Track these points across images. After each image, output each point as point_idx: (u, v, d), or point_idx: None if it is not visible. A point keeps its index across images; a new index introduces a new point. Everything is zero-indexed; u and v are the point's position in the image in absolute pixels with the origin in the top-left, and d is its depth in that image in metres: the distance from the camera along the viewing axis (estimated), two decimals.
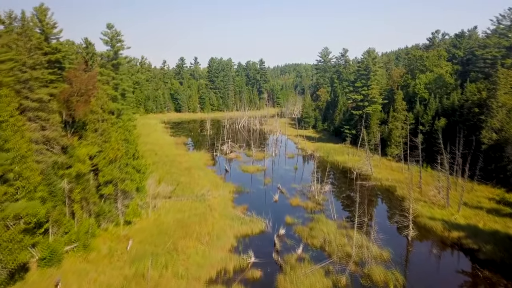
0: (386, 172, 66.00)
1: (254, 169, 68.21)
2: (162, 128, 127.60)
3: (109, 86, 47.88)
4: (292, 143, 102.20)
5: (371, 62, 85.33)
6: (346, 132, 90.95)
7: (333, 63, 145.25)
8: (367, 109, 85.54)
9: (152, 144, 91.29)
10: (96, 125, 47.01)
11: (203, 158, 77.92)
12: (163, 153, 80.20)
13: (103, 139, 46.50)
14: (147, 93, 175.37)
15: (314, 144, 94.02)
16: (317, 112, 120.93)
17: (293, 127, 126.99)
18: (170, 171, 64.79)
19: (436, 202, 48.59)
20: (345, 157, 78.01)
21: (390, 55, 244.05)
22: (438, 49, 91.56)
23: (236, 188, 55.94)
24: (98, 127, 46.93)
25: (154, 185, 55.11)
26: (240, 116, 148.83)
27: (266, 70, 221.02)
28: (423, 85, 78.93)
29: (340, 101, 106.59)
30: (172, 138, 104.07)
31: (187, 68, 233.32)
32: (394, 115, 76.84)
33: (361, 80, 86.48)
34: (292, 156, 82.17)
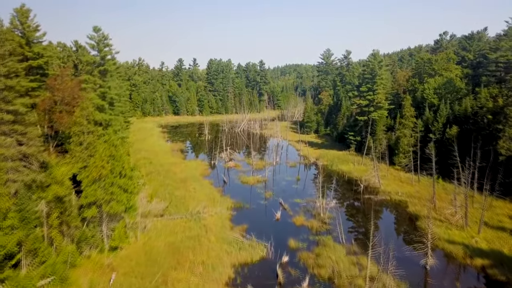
0: (395, 184, 61.83)
1: (254, 181, 64.04)
2: (159, 132, 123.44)
3: (95, 94, 43.70)
4: (293, 149, 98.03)
5: (376, 65, 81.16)
6: (351, 139, 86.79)
7: (336, 65, 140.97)
8: (373, 114, 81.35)
9: (147, 152, 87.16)
10: (80, 138, 43.04)
11: (200, 167, 73.74)
12: (158, 162, 76.01)
13: (88, 153, 42.54)
14: (144, 95, 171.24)
15: (317, 151, 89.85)
16: (319, 116, 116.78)
17: (294, 131, 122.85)
18: (164, 183, 60.63)
19: (454, 222, 44.38)
20: (350, 166, 73.86)
21: (393, 56, 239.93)
22: (447, 51, 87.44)
23: (235, 203, 51.77)
24: (83, 140, 43.00)
25: (145, 201, 51.11)
26: (239, 119, 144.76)
27: (266, 72, 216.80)
28: (432, 90, 74.71)
29: (344, 106, 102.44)
30: (168, 144, 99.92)
31: (186, 70, 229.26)
32: (402, 122, 72.68)
33: (366, 84, 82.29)
34: (294, 165, 78.00)
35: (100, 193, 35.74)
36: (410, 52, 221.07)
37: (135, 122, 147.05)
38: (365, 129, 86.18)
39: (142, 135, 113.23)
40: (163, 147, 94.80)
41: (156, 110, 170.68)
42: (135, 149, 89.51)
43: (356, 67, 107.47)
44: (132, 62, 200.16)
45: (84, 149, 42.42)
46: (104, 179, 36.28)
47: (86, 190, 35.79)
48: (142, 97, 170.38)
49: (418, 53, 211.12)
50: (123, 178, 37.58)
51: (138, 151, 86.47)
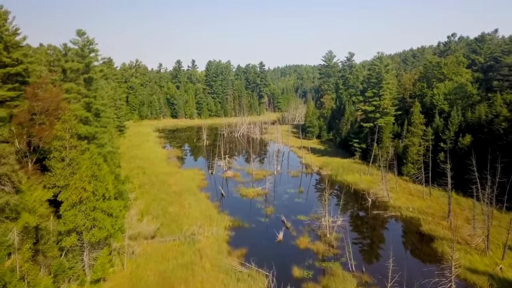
0: (404, 197, 57.77)
1: (254, 194, 59.97)
2: (155, 137, 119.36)
3: (79, 105, 39.63)
4: (295, 156, 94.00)
5: (383, 69, 77.11)
6: (355, 146, 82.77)
7: (338, 67, 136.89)
8: (379, 121, 77.31)
9: (142, 159, 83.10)
10: (62, 154, 38.96)
11: (197, 177, 69.68)
12: (153, 172, 71.93)
13: (71, 170, 38.50)
14: (142, 98, 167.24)
15: (320, 159, 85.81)
16: (322, 120, 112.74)
17: (295, 136, 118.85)
18: (157, 197, 56.55)
19: (473, 245, 40.31)
20: (355, 176, 69.81)
21: (396, 58, 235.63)
22: (456, 54, 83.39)
23: (233, 221, 47.72)
24: (65, 155, 38.95)
25: (135, 219, 47.06)
26: (239, 123, 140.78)
27: (266, 73, 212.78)
28: (442, 96, 70.66)
29: (347, 110, 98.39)
30: (164, 151, 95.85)
31: (185, 71, 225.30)
32: (411, 130, 68.66)
33: (372, 89, 78.25)
34: (296, 175, 73.92)
35: (80, 219, 31.69)
36: (413, 53, 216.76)
37: (132, 126, 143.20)
38: (371, 136, 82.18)
39: (138, 141, 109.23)
40: (159, 154, 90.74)
41: (154, 113, 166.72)
42: (130, 156, 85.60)
43: (360, 70, 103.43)
44: (129, 63, 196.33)
45: (66, 165, 38.42)
46: (85, 202, 32.24)
47: (65, 215, 31.73)
48: (139, 99, 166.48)
49: (421, 54, 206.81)
50: (107, 201, 33.48)
51: (133, 159, 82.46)
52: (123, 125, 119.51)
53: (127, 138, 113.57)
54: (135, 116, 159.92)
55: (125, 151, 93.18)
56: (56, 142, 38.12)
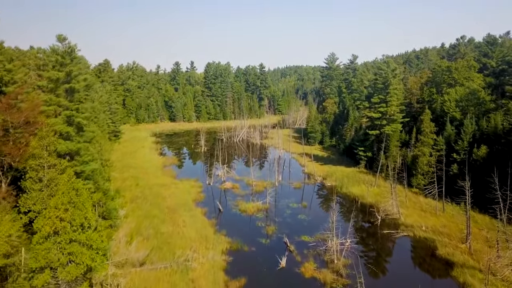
0: (416, 213, 53.67)
1: (254, 209, 55.81)
2: (151, 143, 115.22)
3: (59, 119, 35.53)
4: (297, 163, 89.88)
5: (390, 74, 73.00)
6: (360, 155, 78.63)
7: (340, 69, 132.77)
8: (386, 128, 73.26)
9: (136, 169, 78.99)
10: (39, 174, 34.93)
11: (193, 189, 65.55)
12: (147, 183, 67.83)
13: (49, 192, 34.44)
14: (139, 101, 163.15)
15: (323, 167, 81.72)
16: (324, 126, 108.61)
17: (297, 141, 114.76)
18: (150, 213, 52.43)
19: (499, 275, 36.17)
20: (362, 188, 65.67)
21: (398, 59, 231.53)
22: (467, 58, 79.31)
23: (231, 243, 43.61)
24: (42, 175, 34.89)
25: (124, 242, 42.94)
26: (238, 126, 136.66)
27: (267, 75, 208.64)
28: (454, 103, 66.55)
29: (351, 116, 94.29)
30: (160, 159, 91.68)
31: (183, 73, 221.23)
32: (421, 139, 64.59)
33: (378, 95, 74.16)
34: (299, 186, 69.76)
35: (54, 254, 27.60)
36: (417, 55, 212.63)
37: (128, 130, 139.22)
38: (377, 144, 78.15)
39: (133, 147, 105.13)
40: (154, 162, 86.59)
41: (151, 117, 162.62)
42: (123, 165, 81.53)
43: (364, 73, 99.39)
44: (127, 65, 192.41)
45: (44, 186, 34.34)
46: (61, 234, 28.16)
47: (37, 249, 27.63)
48: (136, 102, 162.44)
49: (425, 55, 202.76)
50: (87, 232, 29.36)
51: (126, 169, 78.34)
52: (118, 130, 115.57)
53: (122, 144, 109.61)
54: (131, 120, 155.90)
55: (120, 158, 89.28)
56: (32, 161, 34.07)
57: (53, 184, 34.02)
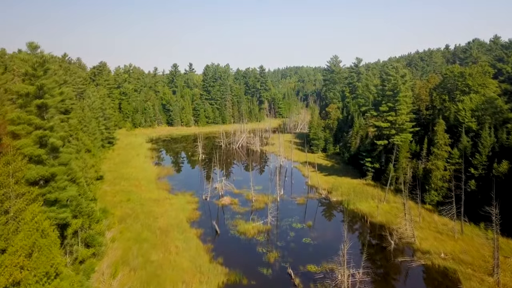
0: (432, 236, 48.87)
1: (254, 231, 50.98)
2: (147, 150, 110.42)
3: (29, 140, 30.75)
4: (299, 173, 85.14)
5: (399, 80, 68.22)
6: (368, 166, 73.86)
7: (344, 73, 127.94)
8: (395, 138, 68.54)
9: (128, 181, 74.25)
10: (4, 205, 30.19)
11: (188, 206, 60.76)
12: (139, 198, 63.07)
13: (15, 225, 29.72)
14: (135, 104, 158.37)
15: (327, 179, 76.99)
16: (328, 132, 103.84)
17: (299, 148, 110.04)
18: (140, 236, 47.66)
19: None
20: (370, 204, 60.92)
21: (401, 61, 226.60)
22: (481, 63, 74.53)
23: (228, 275, 38.81)
24: (9, 207, 30.17)
25: (107, 275, 38.14)
26: (238, 131, 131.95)
27: (267, 78, 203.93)
28: (469, 112, 61.78)
29: (356, 123, 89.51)
30: (155, 169, 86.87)
31: (182, 75, 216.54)
32: (434, 151, 59.83)
33: (387, 103, 69.39)
34: (303, 202, 64.94)
35: None
36: (421, 57, 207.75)
37: (124, 135, 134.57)
38: (385, 155, 73.42)
39: (127, 155, 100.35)
40: (148, 173, 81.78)
41: (148, 121, 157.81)
42: (115, 177, 76.81)
43: (370, 78, 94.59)
44: (123, 68, 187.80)
45: (11, 219, 29.63)
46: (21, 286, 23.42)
47: None
48: (132, 106, 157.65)
49: (429, 57, 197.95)
50: (55, 281, 24.59)
51: (118, 181, 73.62)
52: (112, 137, 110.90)
53: (116, 151, 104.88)
54: (128, 124, 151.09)
55: (112, 168, 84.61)
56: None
57: (20, 217, 29.31)
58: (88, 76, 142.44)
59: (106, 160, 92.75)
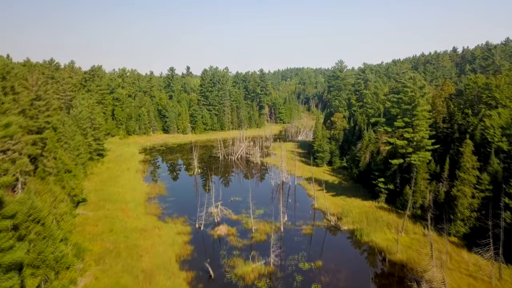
0: (464, 281, 41.31)
1: (254, 274, 43.47)
2: (139, 163, 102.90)
3: None
4: (304, 192, 77.68)
5: (417, 92, 60.75)
6: (380, 187, 66.38)
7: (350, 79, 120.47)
8: (412, 158, 61.10)
9: (115, 203, 66.83)
10: None
11: (179, 238, 53.22)
12: (123, 228, 55.59)
13: None
14: (129, 111, 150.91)
15: (335, 200, 69.58)
16: (334, 144, 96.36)
17: (302, 160, 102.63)
18: (118, 284, 40.15)
19: None
20: (387, 235, 53.47)
21: (406, 63, 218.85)
22: (509, 73, 67.01)
23: None
24: None
25: None
26: (237, 138, 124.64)
27: (267, 82, 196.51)
28: (499, 130, 54.29)
29: (365, 137, 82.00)
30: (145, 187, 79.29)
31: (179, 77, 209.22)
32: (460, 176, 52.32)
33: (403, 118, 61.91)
34: (309, 232, 57.28)
35: None
36: (427, 59, 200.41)
37: (116, 144, 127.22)
38: (400, 174, 65.99)
39: (117, 169, 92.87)
40: (137, 193, 74.20)
41: (142, 128, 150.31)
42: (100, 198, 69.46)
43: (381, 87, 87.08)
44: (118, 71, 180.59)
45: None
46: None
47: None
48: (126, 112, 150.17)
49: (436, 60, 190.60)
50: None
51: (103, 203, 66.23)
52: (102, 148, 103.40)
53: (105, 165, 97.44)
54: (121, 132, 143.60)
55: (98, 187, 77.25)
56: None
57: None
58: (79, 82, 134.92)
59: (93, 176, 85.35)
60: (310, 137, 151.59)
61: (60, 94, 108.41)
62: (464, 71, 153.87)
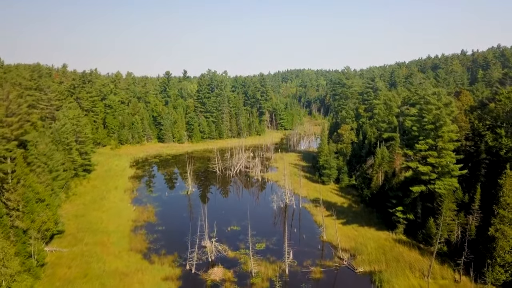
0: None
1: None
2: (128, 180, 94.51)
3: None
4: (310, 218, 69.37)
5: (444, 111, 52.49)
6: (399, 216, 58.14)
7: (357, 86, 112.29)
8: (436, 185, 52.91)
9: (95, 235, 58.73)
10: None
11: (165, 286, 44.95)
12: (100, 272, 47.36)
13: None
14: (122, 118, 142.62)
15: (346, 230, 61.37)
16: (341, 160, 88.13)
17: (306, 175, 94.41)
18: None
19: None
20: (410, 281, 45.27)
21: (412, 67, 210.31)
22: None
23: None
24: None
25: None
26: (235, 149, 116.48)
27: (268, 87, 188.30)
28: None
29: (378, 154, 73.76)
30: (132, 212, 70.80)
31: (175, 80, 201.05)
32: (500, 213, 44.11)
33: (426, 139, 53.67)
34: (319, 276, 48.87)
35: None
36: (435, 63, 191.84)
37: (106, 156, 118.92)
38: (421, 202, 57.78)
39: (104, 188, 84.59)
40: (122, 220, 65.83)
41: (136, 137, 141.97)
42: (80, 227, 61.61)
43: (394, 98, 78.75)
44: (112, 75, 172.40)
45: None
46: None
47: None
48: (118, 120, 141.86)
49: (445, 64, 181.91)
50: None
51: (81, 235, 58.16)
52: (89, 163, 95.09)
53: (91, 182, 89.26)
54: (112, 142, 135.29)
55: (80, 212, 69.23)
56: None
57: None
58: (66, 89, 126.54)
59: (76, 197, 77.19)
60: (313, 146, 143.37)
61: (43, 104, 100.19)
62: (476, 77, 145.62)
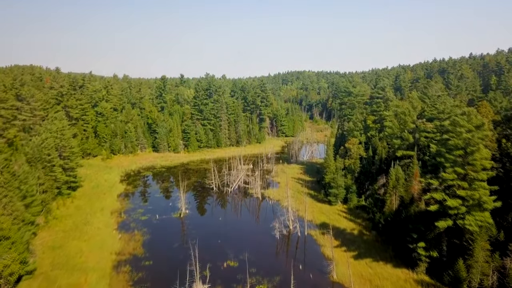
0: None
1: None
2: (117, 198, 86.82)
3: None
4: (317, 249, 61.69)
5: (476, 135, 44.84)
6: (420, 253, 50.51)
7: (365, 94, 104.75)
8: (466, 220, 45.33)
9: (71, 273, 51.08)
10: None
11: None
12: None
13: None
14: (114, 127, 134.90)
15: (359, 266, 53.75)
16: (349, 178, 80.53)
17: (310, 193, 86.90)
18: None
19: None
20: None
21: (418, 71, 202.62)
22: None
23: None
24: None
25: None
26: (234, 160, 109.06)
27: (268, 93, 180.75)
28: None
29: (392, 174, 66.16)
30: (117, 241, 62.89)
31: (172, 84, 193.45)
32: None
33: (454, 167, 46.02)
34: None
35: None
36: (442, 67, 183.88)
37: (96, 168, 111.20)
38: (447, 238, 50.17)
39: (88, 210, 76.88)
40: (105, 254, 57.96)
41: (129, 146, 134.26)
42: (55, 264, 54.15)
43: (410, 113, 71.07)
44: (107, 78, 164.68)
45: None
46: None
47: None
48: (110, 129, 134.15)
49: (453, 68, 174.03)
50: None
51: (55, 275, 50.59)
52: (74, 180, 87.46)
53: (75, 202, 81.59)
54: (104, 152, 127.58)
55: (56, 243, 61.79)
56: None
57: None
58: (53, 97, 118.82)
59: (56, 222, 69.49)
60: (316, 156, 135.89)
61: (26, 115, 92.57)
62: (489, 83, 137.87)
